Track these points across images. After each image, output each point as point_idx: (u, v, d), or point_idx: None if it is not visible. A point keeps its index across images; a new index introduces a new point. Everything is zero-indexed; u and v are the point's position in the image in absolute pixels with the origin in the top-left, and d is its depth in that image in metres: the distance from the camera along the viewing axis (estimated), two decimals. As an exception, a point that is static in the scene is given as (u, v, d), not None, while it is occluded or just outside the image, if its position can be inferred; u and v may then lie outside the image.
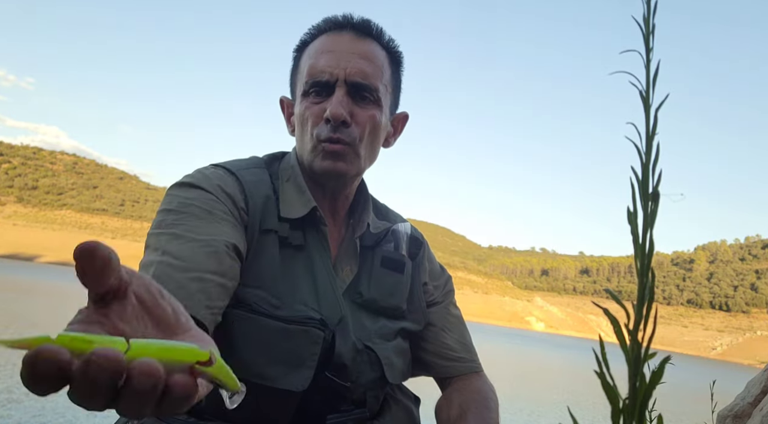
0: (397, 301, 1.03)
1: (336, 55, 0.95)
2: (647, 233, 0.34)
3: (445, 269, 1.20)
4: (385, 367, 0.97)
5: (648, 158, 0.34)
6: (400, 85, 1.07)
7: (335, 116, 0.92)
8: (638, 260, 0.34)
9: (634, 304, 0.33)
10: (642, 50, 0.35)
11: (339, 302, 0.94)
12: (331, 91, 0.94)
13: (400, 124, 1.10)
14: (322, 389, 0.90)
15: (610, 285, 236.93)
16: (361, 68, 0.95)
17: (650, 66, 0.35)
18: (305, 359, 0.87)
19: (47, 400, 4.63)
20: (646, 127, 0.34)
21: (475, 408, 1.01)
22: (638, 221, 0.34)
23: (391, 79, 1.02)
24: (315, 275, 0.95)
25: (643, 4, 0.35)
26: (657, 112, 0.34)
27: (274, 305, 0.89)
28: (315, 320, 0.89)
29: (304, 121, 0.96)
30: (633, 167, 0.34)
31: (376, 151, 1.03)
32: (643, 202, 0.34)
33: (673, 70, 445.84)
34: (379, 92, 0.97)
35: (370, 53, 0.98)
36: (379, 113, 0.98)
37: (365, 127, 0.96)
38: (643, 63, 0.35)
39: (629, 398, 0.33)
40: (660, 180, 0.34)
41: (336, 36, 0.98)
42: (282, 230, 0.94)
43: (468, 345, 1.13)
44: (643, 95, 0.34)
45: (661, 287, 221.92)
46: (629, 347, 0.33)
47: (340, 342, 0.92)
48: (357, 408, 0.95)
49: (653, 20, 0.35)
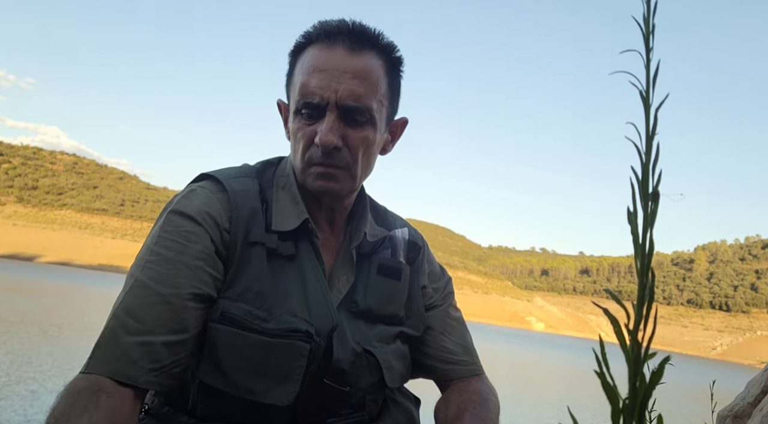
0: (394, 309, 1.02)
1: (327, 75, 0.93)
2: (647, 233, 0.34)
3: (445, 271, 1.20)
4: (384, 371, 0.97)
5: (648, 158, 0.34)
6: (399, 90, 1.04)
7: (325, 144, 0.91)
8: (638, 260, 0.34)
9: (634, 304, 0.33)
10: (642, 50, 0.35)
11: (330, 311, 0.93)
12: (323, 114, 0.93)
13: (399, 130, 1.09)
14: (320, 395, 0.91)
15: (610, 285, 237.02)
16: (352, 90, 0.92)
17: (650, 66, 0.35)
18: (290, 373, 0.87)
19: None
20: (646, 127, 0.34)
21: (473, 408, 1.00)
22: (638, 221, 0.34)
23: (387, 90, 1.00)
24: (306, 284, 0.94)
25: (643, 4, 0.35)
26: (657, 112, 0.34)
27: (261, 318, 0.89)
28: (300, 333, 0.89)
29: (297, 141, 0.96)
30: (633, 167, 0.34)
31: (372, 166, 1.03)
32: (643, 202, 0.34)
33: (673, 70, 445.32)
34: (372, 111, 0.95)
35: (363, 70, 0.95)
36: (372, 132, 0.97)
37: (357, 150, 0.95)
38: (643, 63, 0.35)
39: (629, 398, 0.33)
40: (660, 180, 0.34)
41: (328, 51, 0.95)
42: (270, 242, 0.94)
43: (468, 347, 1.13)
44: (643, 95, 0.34)
45: (661, 287, 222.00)
46: (629, 347, 0.33)
47: (338, 348, 0.92)
48: (356, 412, 0.95)
49: (653, 20, 0.35)
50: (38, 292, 19.53)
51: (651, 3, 0.35)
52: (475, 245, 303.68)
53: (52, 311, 12.39)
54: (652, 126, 0.34)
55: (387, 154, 1.09)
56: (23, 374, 5.78)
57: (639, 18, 0.35)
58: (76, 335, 8.55)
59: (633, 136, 0.34)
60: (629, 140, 0.34)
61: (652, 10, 0.35)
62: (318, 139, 0.92)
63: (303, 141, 0.95)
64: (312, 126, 0.94)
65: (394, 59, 1.02)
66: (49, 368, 6.49)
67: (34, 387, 5.34)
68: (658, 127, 0.34)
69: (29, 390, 5.17)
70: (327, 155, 0.93)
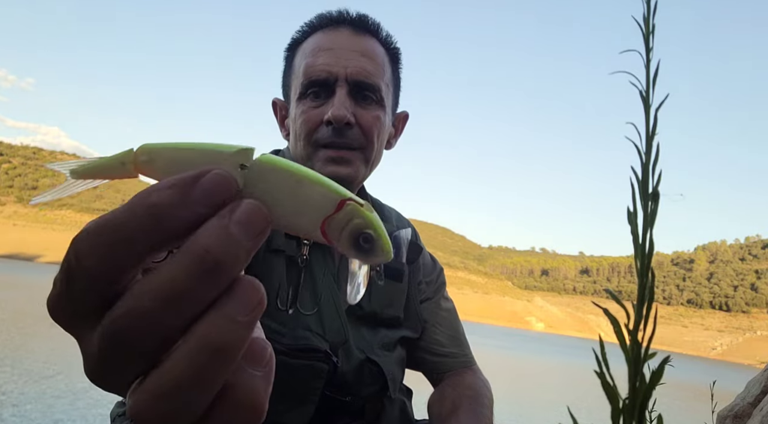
0: (396, 311, 1.01)
1: (335, 52, 0.89)
2: (647, 233, 0.34)
3: (436, 261, 1.17)
4: (389, 382, 0.95)
5: (648, 158, 0.34)
6: (399, 83, 1.02)
7: (338, 118, 0.85)
8: (638, 260, 0.34)
9: (634, 304, 0.33)
10: (642, 50, 0.35)
11: (343, 325, 0.90)
12: (332, 92, 0.88)
13: (401, 124, 1.06)
14: (321, 405, 0.88)
15: (610, 285, 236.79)
16: (362, 66, 0.89)
17: (650, 66, 0.35)
18: (307, 395, 0.84)
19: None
20: (646, 127, 0.34)
21: (468, 404, 0.99)
22: (638, 221, 0.34)
23: (391, 77, 0.97)
24: (318, 295, 0.90)
25: (643, 4, 0.35)
26: (657, 112, 0.34)
27: (277, 331, 0.84)
28: (320, 353, 0.84)
29: (302, 126, 0.90)
30: (633, 167, 0.34)
31: (381, 154, 0.98)
32: (643, 202, 0.34)
33: (673, 70, 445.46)
34: (381, 92, 0.92)
35: (370, 50, 0.92)
36: (383, 114, 0.93)
37: (372, 129, 0.90)
38: (643, 63, 0.35)
39: (629, 398, 0.33)
40: (660, 180, 0.34)
41: (333, 32, 0.92)
42: (289, 249, 0.89)
43: (459, 339, 1.10)
44: (643, 95, 0.34)
45: (661, 287, 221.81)
46: (629, 347, 0.33)
47: (344, 361, 0.88)
48: (355, 420, 0.93)
49: (653, 20, 0.35)
50: (39, 291, 19.55)
51: (651, 3, 0.35)
52: (475, 245, 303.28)
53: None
54: (652, 126, 0.34)
55: (391, 149, 1.05)
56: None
57: (639, 18, 0.35)
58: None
59: (633, 136, 0.34)
60: (629, 140, 0.34)
61: (652, 10, 0.35)
62: (330, 114, 0.86)
63: (307, 125, 0.89)
64: (320, 107, 0.88)
65: (393, 50, 0.99)
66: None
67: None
68: (658, 127, 0.34)
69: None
70: (338, 133, 0.87)
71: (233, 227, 0.22)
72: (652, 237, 0.34)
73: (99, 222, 0.22)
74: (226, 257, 0.22)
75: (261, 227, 0.23)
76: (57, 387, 5.17)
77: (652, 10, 0.35)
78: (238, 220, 0.22)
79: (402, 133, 1.08)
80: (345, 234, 0.25)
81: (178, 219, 0.22)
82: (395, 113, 1.03)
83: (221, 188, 0.23)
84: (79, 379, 5.45)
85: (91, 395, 4.98)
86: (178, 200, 0.22)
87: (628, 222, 0.34)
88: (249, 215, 0.23)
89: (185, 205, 0.22)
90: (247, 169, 0.24)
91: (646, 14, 0.35)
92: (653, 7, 0.35)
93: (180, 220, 0.22)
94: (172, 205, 0.22)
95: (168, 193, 0.22)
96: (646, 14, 0.35)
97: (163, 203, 0.22)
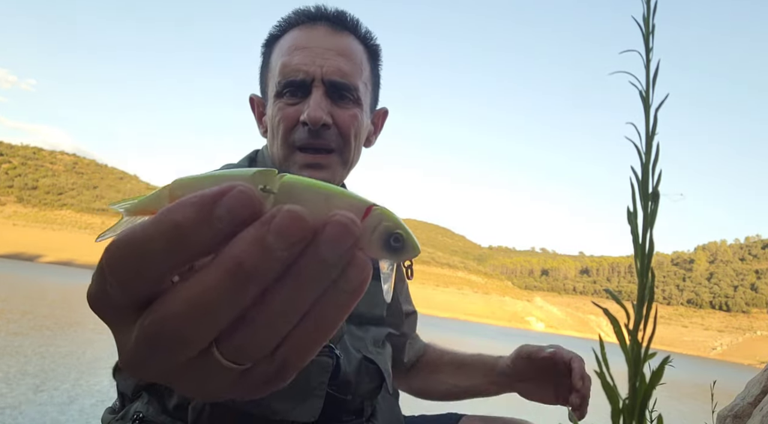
0: (380, 310, 1.01)
1: (311, 51, 0.87)
2: (647, 233, 0.34)
3: None
4: (386, 379, 0.96)
5: (648, 158, 0.34)
6: (379, 80, 1.00)
7: (314, 120, 0.85)
8: (638, 260, 0.34)
9: (634, 304, 0.33)
10: (642, 50, 0.35)
11: None
12: (308, 92, 0.87)
13: (380, 121, 1.04)
14: (325, 404, 0.87)
15: (610, 285, 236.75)
16: (339, 66, 0.87)
17: (650, 66, 0.35)
18: (315, 389, 0.83)
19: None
20: (646, 127, 0.34)
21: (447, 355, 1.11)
22: (638, 221, 0.34)
23: (370, 75, 0.96)
24: None
25: (643, 4, 0.35)
26: (657, 112, 0.34)
27: None
28: (323, 347, 0.85)
29: (277, 126, 0.89)
30: (633, 167, 0.34)
31: (360, 153, 0.97)
32: (643, 202, 0.34)
33: (673, 70, 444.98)
34: (359, 91, 0.90)
35: (347, 49, 0.90)
36: (360, 113, 0.91)
37: (349, 129, 0.89)
38: (643, 63, 0.35)
39: (629, 398, 0.33)
40: (660, 180, 0.34)
41: (309, 30, 0.90)
42: None
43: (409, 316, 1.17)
44: (643, 95, 0.34)
45: (661, 287, 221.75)
46: (629, 347, 0.33)
47: (345, 361, 0.88)
48: (355, 418, 0.94)
49: (653, 20, 0.35)
50: (40, 291, 19.59)
51: (651, 3, 0.35)
52: (475, 245, 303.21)
53: (54, 311, 12.43)
54: (652, 126, 0.34)
55: (371, 147, 1.04)
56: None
57: (639, 18, 0.35)
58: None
59: (633, 136, 0.34)
60: (629, 140, 0.34)
61: (652, 10, 0.35)
62: (305, 116, 0.85)
63: (284, 123, 0.88)
64: (296, 106, 0.87)
65: (372, 47, 0.97)
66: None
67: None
68: (658, 127, 0.34)
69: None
70: (315, 135, 0.86)
71: (270, 237, 0.22)
72: (652, 237, 0.34)
73: (128, 235, 0.23)
74: (259, 270, 0.22)
75: (300, 235, 0.23)
76: (55, 388, 5.18)
77: (652, 10, 0.35)
78: (278, 228, 0.22)
79: (381, 130, 1.06)
80: (375, 237, 0.26)
81: (202, 236, 0.23)
82: (374, 111, 1.02)
83: (243, 205, 0.23)
84: (76, 381, 5.45)
85: (92, 395, 4.98)
86: (201, 218, 0.22)
87: (628, 222, 0.34)
88: (289, 221, 0.22)
89: (208, 223, 0.22)
90: (268, 191, 0.25)
91: (646, 14, 0.35)
92: (653, 7, 0.35)
93: (204, 237, 0.23)
94: (196, 222, 0.22)
95: (191, 211, 0.23)
96: (646, 14, 0.35)
97: (186, 222, 0.22)
